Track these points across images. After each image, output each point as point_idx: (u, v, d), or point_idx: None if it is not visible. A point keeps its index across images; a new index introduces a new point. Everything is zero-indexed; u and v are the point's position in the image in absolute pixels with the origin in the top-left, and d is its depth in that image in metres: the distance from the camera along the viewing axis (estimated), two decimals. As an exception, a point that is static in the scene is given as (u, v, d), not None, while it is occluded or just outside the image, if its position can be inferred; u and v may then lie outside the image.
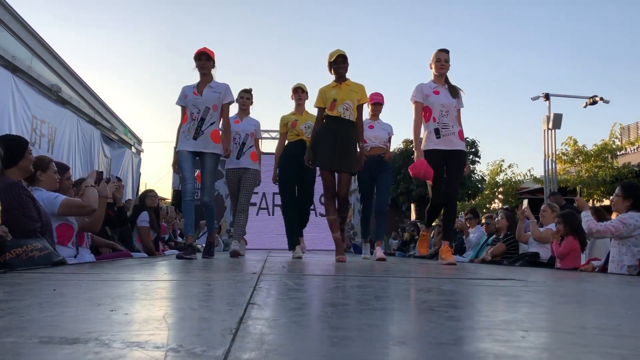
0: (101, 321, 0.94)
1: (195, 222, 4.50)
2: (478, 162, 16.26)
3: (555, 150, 12.41)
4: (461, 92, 4.47)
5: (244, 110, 5.39)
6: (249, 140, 5.30)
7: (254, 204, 14.56)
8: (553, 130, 11.92)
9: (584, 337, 0.89)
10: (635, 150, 15.24)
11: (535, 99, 12.23)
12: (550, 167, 12.06)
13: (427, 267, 3.76)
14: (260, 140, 5.52)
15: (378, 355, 0.70)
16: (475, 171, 16.23)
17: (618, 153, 14.08)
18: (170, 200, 13.37)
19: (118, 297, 1.35)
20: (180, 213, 8.68)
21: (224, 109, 4.41)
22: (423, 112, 4.39)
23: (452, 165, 4.30)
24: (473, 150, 15.88)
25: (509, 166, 18.21)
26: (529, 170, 17.28)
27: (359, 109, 4.46)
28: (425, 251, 4.42)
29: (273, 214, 13.95)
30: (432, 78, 4.46)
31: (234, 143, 5.19)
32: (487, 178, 17.83)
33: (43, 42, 7.63)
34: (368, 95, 4.88)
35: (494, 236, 6.48)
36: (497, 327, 0.97)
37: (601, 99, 12.06)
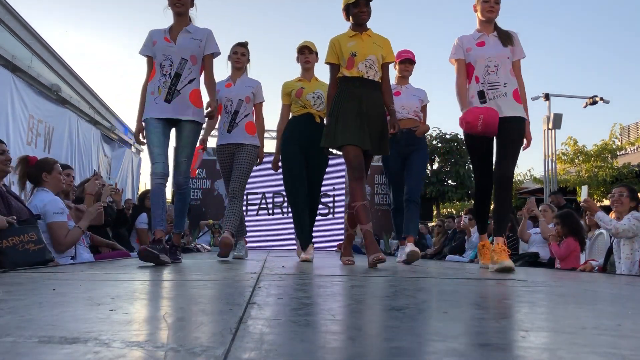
0: (101, 321, 0.94)
1: (195, 221, 4.00)
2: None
3: (555, 150, 12.41)
4: (516, 36, 3.36)
5: (239, 69, 4.13)
6: (244, 107, 4.03)
7: (254, 204, 14.53)
8: (553, 130, 11.92)
9: (584, 337, 0.88)
10: (635, 150, 15.24)
11: (535, 99, 12.23)
12: (550, 167, 12.06)
13: (429, 267, 3.76)
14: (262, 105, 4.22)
15: (378, 356, 0.70)
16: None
17: (618, 153, 14.08)
18: (170, 200, 13.36)
19: (118, 296, 1.35)
20: None
21: (207, 61, 3.32)
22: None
23: (504, 134, 3.15)
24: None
25: (509, 166, 18.17)
26: (529, 171, 17.26)
27: (385, 68, 3.46)
28: (489, 261, 3.27)
29: (272, 214, 13.94)
30: (477, 26, 3.39)
31: (224, 112, 4.04)
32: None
33: (43, 42, 7.62)
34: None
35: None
36: (497, 327, 0.97)
37: (601, 99, 12.07)
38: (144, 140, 3.32)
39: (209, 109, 3.32)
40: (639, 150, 15.20)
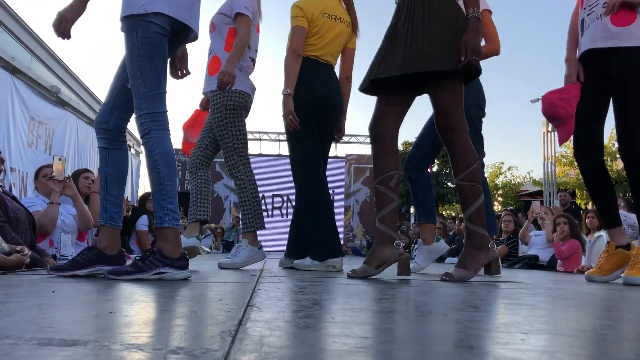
0: (100, 323, 0.93)
1: None
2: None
3: (555, 153, 12.43)
4: None
5: None
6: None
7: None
8: (552, 133, 11.93)
9: (583, 340, 0.88)
10: (635, 153, 15.25)
11: (535, 101, 12.27)
12: (549, 170, 12.07)
13: (428, 269, 3.75)
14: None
15: (378, 357, 0.70)
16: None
17: (617, 156, 14.09)
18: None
19: (117, 298, 1.35)
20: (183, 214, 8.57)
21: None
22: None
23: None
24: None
25: (509, 169, 18.20)
26: (529, 173, 17.28)
27: None
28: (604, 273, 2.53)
29: (272, 216, 13.92)
30: None
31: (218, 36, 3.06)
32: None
33: (43, 44, 7.62)
34: None
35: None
36: (497, 330, 0.97)
37: (600, 101, 12.09)
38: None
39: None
40: (638, 153, 15.21)
